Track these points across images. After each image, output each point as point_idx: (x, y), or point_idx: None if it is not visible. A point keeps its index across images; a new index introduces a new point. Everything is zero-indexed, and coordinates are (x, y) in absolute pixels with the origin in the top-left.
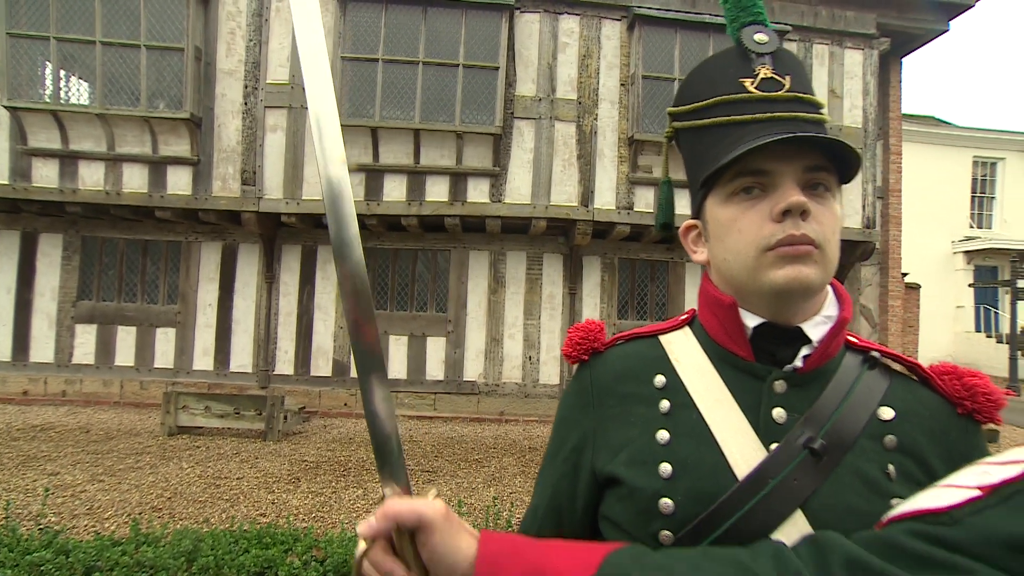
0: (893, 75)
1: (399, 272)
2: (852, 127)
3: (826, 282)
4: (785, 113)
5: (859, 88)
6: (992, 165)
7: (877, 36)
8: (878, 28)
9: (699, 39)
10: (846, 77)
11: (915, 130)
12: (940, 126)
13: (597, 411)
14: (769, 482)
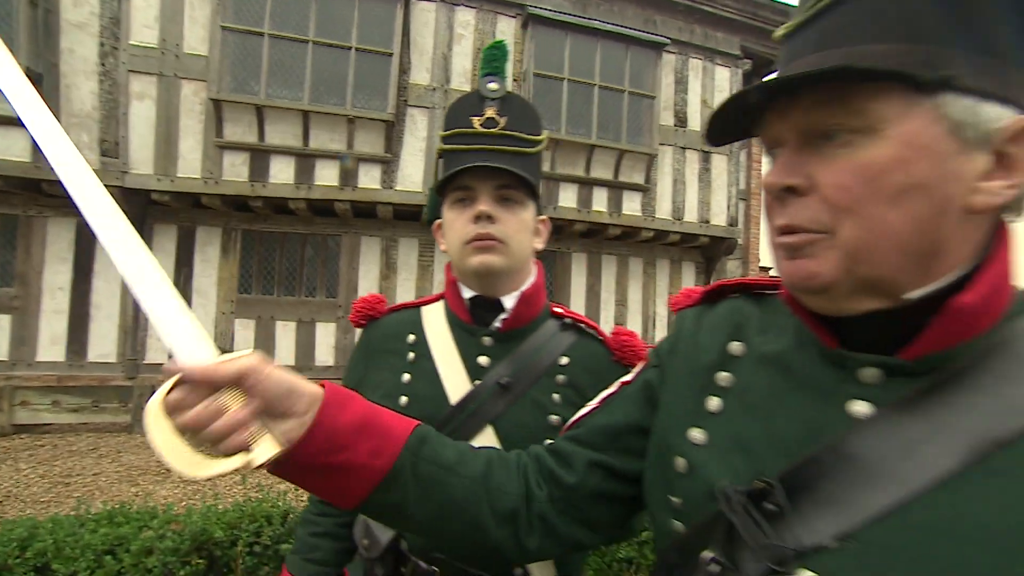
0: None
1: (287, 257)
2: None
3: (511, 266)
4: (493, 146)
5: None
6: None
7: (741, 57)
8: (742, 50)
9: (588, 43)
10: (716, 90)
11: None
12: None
13: (368, 361)
14: (470, 406)
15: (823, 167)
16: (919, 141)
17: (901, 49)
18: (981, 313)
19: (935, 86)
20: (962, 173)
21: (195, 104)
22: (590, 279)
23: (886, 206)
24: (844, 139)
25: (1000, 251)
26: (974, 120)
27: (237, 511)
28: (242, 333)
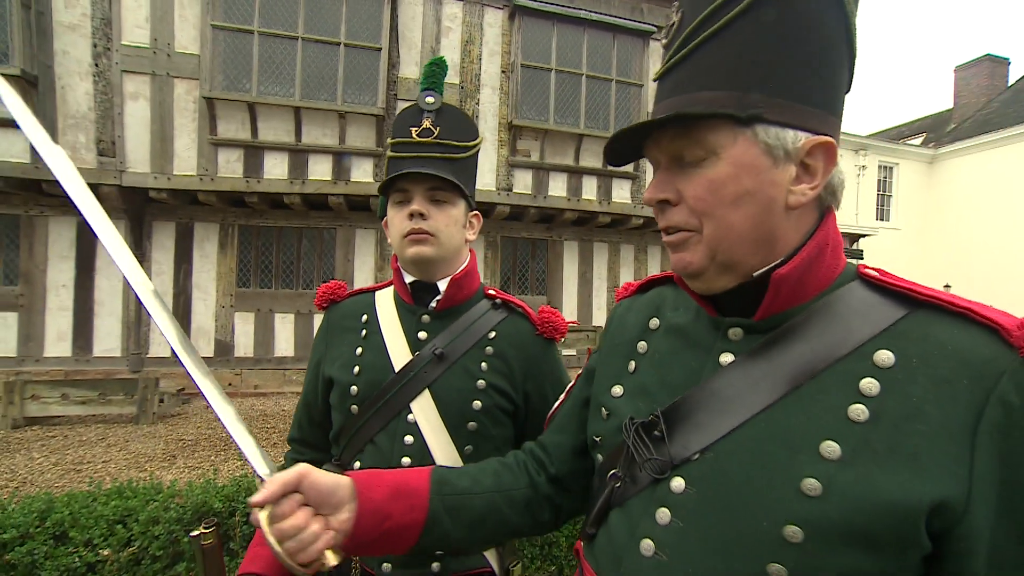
0: None
1: (284, 250)
2: None
3: (442, 256)
4: (427, 154)
5: None
6: None
7: None
8: None
9: (575, 33)
10: None
11: None
12: None
13: (329, 338)
14: (410, 374)
15: (686, 183)
16: (744, 160)
17: (724, 95)
18: (800, 282)
19: (749, 120)
20: (778, 181)
21: (188, 102)
22: (582, 266)
23: (729, 209)
24: (696, 162)
25: (818, 234)
26: (779, 143)
27: (234, 485)
28: (242, 326)
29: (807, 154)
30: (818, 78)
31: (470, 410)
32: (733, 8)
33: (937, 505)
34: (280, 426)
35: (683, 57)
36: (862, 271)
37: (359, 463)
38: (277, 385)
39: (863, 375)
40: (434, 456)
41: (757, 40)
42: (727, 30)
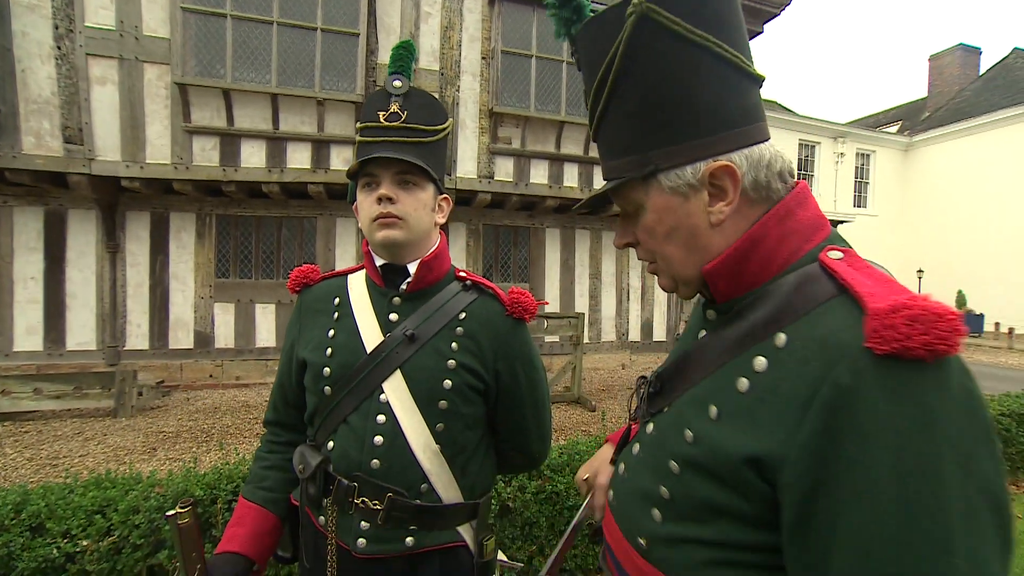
0: None
1: (263, 240)
2: None
3: (411, 239)
4: (395, 138)
5: None
6: (812, 148)
7: None
8: None
9: None
10: None
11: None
12: (776, 110)
13: (302, 321)
14: (382, 355)
15: (637, 230)
16: (660, 206)
17: (628, 161)
18: (738, 272)
19: (652, 175)
20: (694, 210)
21: (160, 88)
22: (564, 253)
23: (665, 244)
24: (634, 212)
25: (750, 230)
26: (679, 182)
27: (215, 473)
28: (222, 317)
29: (711, 179)
30: (697, 109)
31: (441, 389)
32: (599, 102)
33: (753, 459)
34: (262, 417)
35: (595, 133)
36: (822, 257)
37: (332, 443)
38: (259, 376)
39: (760, 353)
40: (406, 435)
41: (632, 109)
42: (608, 113)
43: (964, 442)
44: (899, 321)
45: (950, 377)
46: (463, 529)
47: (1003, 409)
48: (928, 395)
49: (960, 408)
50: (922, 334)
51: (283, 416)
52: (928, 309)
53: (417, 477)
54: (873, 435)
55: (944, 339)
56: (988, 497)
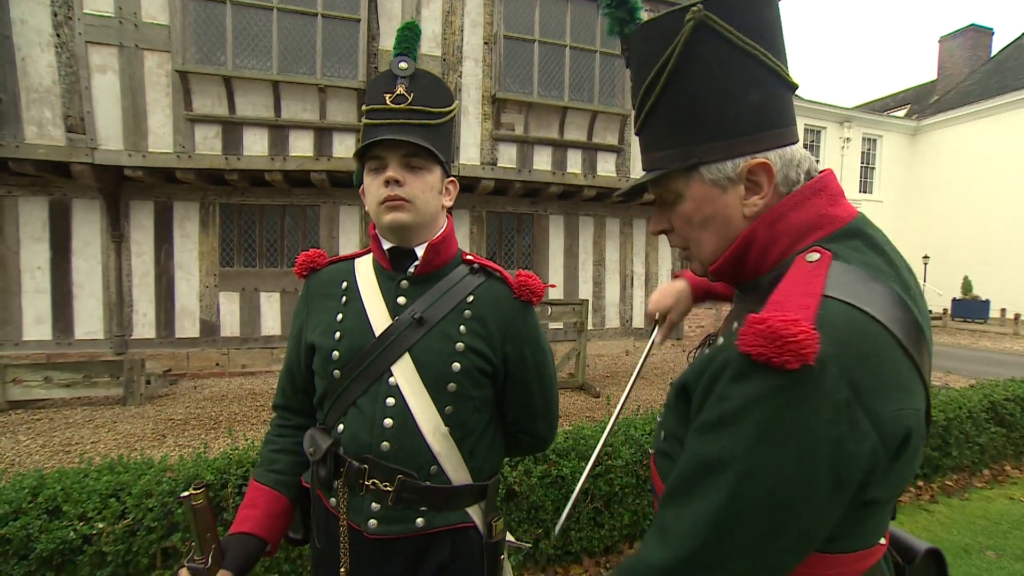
0: None
1: (267, 228)
2: None
3: (419, 222)
4: (402, 120)
5: None
6: (817, 133)
7: None
8: None
9: (558, 3)
10: None
11: None
12: None
13: (310, 306)
14: (391, 338)
15: (673, 217)
16: (699, 196)
17: (672, 152)
18: (739, 263)
19: (694, 167)
20: (730, 202)
21: (160, 76)
22: (567, 240)
23: (701, 232)
24: (672, 201)
25: (739, 238)
26: (721, 175)
27: (225, 458)
28: (227, 306)
29: (748, 174)
30: (740, 110)
31: (450, 372)
32: (649, 98)
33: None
34: (269, 404)
35: (640, 126)
36: (798, 259)
37: (342, 426)
38: (265, 364)
39: (724, 334)
40: (416, 418)
41: (680, 107)
42: (657, 108)
43: (751, 430)
44: (751, 331)
45: (768, 379)
46: (472, 510)
47: (1007, 394)
48: (737, 390)
49: (765, 402)
50: (760, 345)
51: (292, 400)
52: (771, 328)
53: (426, 459)
54: (720, 402)
55: (772, 354)
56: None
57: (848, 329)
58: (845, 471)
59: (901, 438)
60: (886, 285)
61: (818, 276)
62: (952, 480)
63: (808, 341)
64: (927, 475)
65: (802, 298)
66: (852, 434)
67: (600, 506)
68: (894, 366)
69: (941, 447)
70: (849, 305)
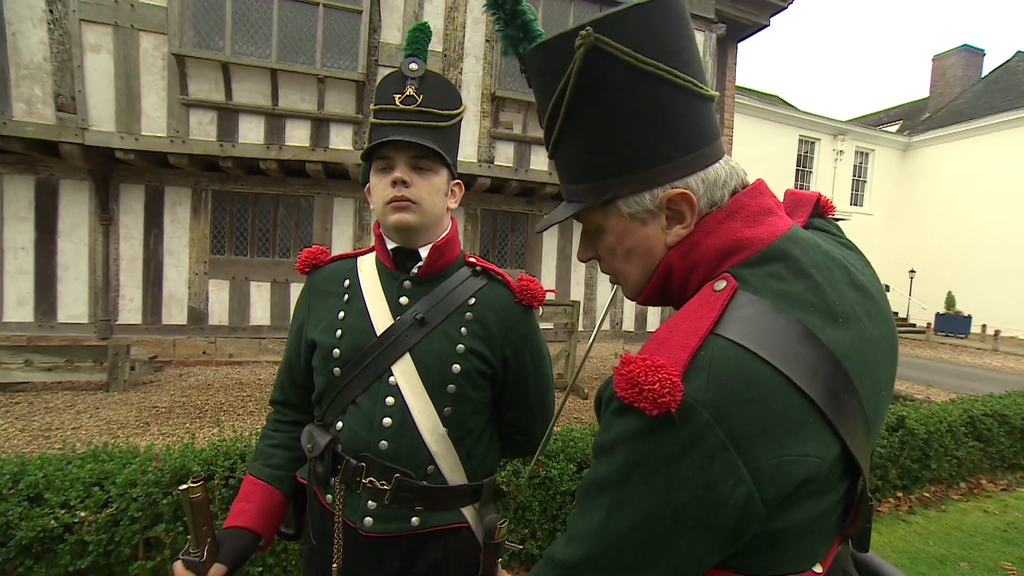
0: (730, 57)
1: (260, 217)
2: None
3: (424, 223)
4: (410, 121)
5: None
6: (811, 144)
7: (715, 21)
8: (716, 15)
9: (562, 4)
10: None
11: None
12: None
13: (312, 302)
14: (392, 337)
15: (599, 248)
16: (619, 229)
17: (585, 187)
18: (665, 297)
19: (609, 201)
20: (651, 233)
21: (156, 59)
22: (561, 241)
23: (624, 264)
24: (595, 232)
25: (656, 272)
26: (639, 207)
27: (213, 450)
28: (216, 294)
29: (669, 204)
30: (653, 137)
31: (450, 373)
32: (553, 127)
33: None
34: (256, 395)
35: (551, 154)
36: (706, 287)
37: (341, 423)
38: (253, 354)
39: None
40: (414, 418)
41: (588, 136)
42: (564, 137)
43: (622, 466)
44: (618, 372)
45: (637, 419)
46: (466, 511)
47: (986, 409)
48: (615, 423)
49: (620, 439)
50: (623, 388)
51: (290, 396)
52: (632, 375)
53: (424, 459)
54: (604, 430)
55: (633, 399)
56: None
57: (729, 371)
58: (716, 514)
59: (794, 485)
60: (792, 318)
61: (712, 310)
62: (930, 492)
63: (666, 390)
64: (906, 486)
65: (685, 335)
66: (725, 479)
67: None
68: (782, 411)
69: (921, 459)
70: (736, 345)
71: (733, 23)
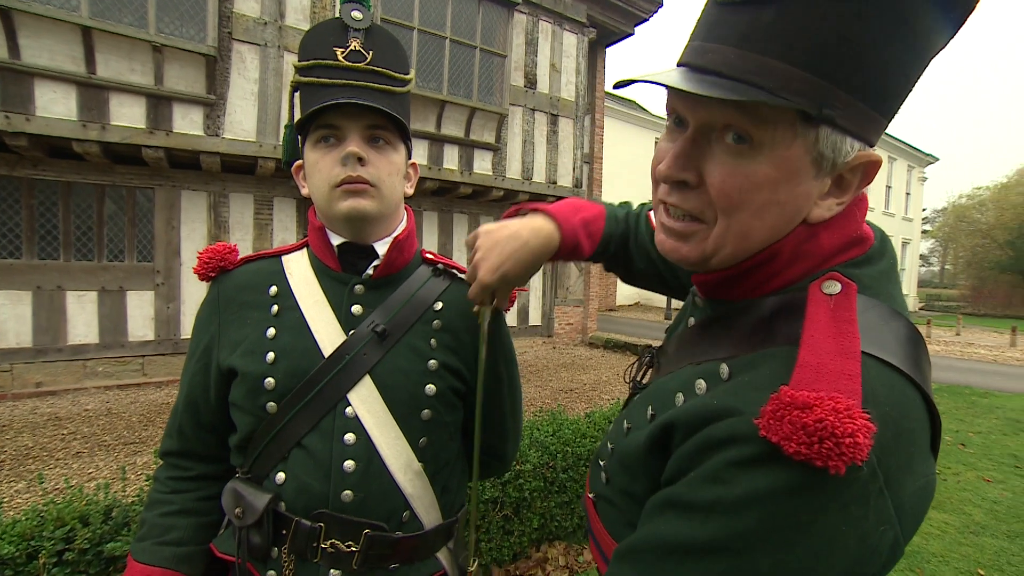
0: (599, 61)
1: (77, 212)
2: (567, 99)
3: (383, 212)
4: (360, 82)
5: (573, 67)
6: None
7: (587, 25)
8: (588, 19)
9: None
10: (563, 55)
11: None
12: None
13: (221, 316)
14: (345, 357)
15: (713, 167)
16: (790, 167)
17: (800, 77)
18: (732, 286)
19: (819, 121)
20: (811, 193)
21: None
22: (442, 238)
23: (752, 216)
24: (736, 144)
25: (758, 255)
26: (833, 154)
27: (34, 518)
28: (10, 309)
29: (851, 168)
30: (896, 74)
31: (422, 395)
32: None
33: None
34: (84, 430)
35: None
36: (814, 288)
37: (283, 475)
38: (74, 380)
39: (704, 377)
40: (383, 456)
41: (852, 14)
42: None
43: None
44: (791, 420)
45: (791, 473)
46: (441, 554)
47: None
48: (744, 478)
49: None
50: (802, 443)
51: (193, 443)
52: (826, 427)
53: (398, 504)
54: (713, 483)
55: (816, 456)
56: None
57: (889, 403)
58: (860, 570)
59: (926, 511)
60: (905, 320)
61: (850, 323)
62: None
63: (866, 442)
64: None
65: (842, 360)
66: (877, 527)
67: (509, 513)
68: (923, 433)
69: None
70: (886, 366)
71: (602, 28)
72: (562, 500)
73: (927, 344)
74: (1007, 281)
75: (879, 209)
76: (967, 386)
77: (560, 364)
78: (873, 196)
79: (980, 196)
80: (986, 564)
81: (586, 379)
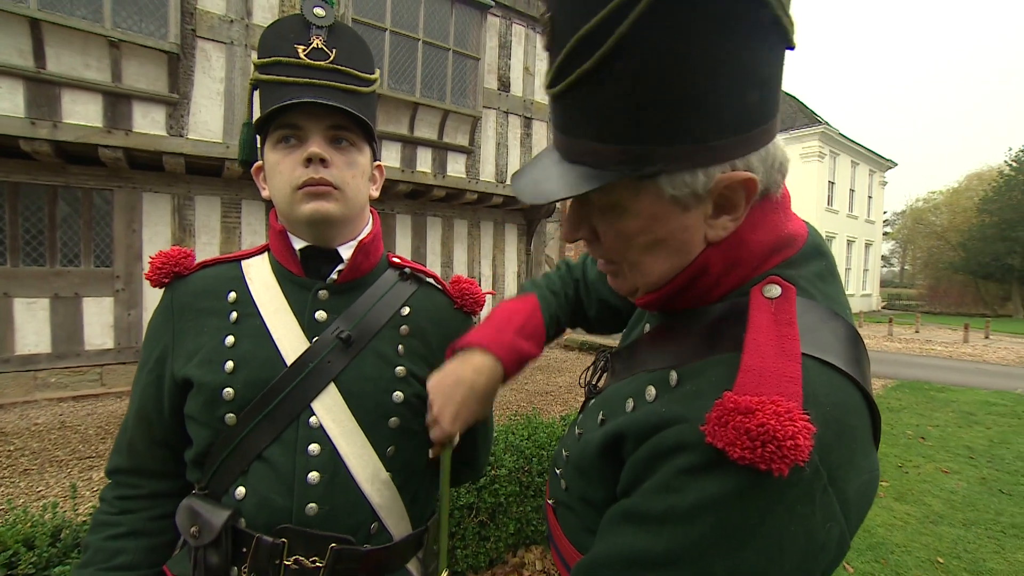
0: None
1: (26, 215)
2: (541, 102)
3: (347, 215)
4: (323, 80)
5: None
6: None
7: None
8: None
9: None
10: (537, 59)
11: None
12: None
13: (176, 324)
14: (309, 365)
15: (601, 226)
16: (651, 213)
17: (616, 151)
18: (673, 302)
19: (652, 176)
20: (692, 223)
21: None
22: (415, 240)
23: (642, 255)
24: (607, 209)
25: (686, 271)
26: (686, 190)
27: None
28: None
29: (724, 190)
30: (726, 102)
31: (390, 404)
32: (589, 54)
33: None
34: (33, 445)
35: (562, 91)
36: (755, 292)
37: (243, 490)
38: (21, 392)
39: (654, 383)
40: (349, 467)
41: (642, 88)
42: (600, 76)
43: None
44: (735, 426)
45: (738, 477)
46: (411, 564)
47: None
48: (694, 485)
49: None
50: (746, 447)
51: (144, 460)
52: (767, 431)
53: (366, 516)
54: (666, 493)
55: (760, 460)
56: None
57: (830, 402)
58: (809, 567)
59: (870, 505)
60: (845, 321)
61: (790, 325)
62: None
63: (806, 443)
64: None
65: (783, 362)
66: (823, 524)
67: (485, 519)
68: (865, 430)
69: None
70: (827, 366)
71: None
72: (538, 504)
73: (883, 343)
74: (959, 281)
75: (843, 212)
76: (926, 381)
77: (535, 367)
78: (838, 199)
79: (935, 200)
80: (944, 552)
81: (561, 381)
